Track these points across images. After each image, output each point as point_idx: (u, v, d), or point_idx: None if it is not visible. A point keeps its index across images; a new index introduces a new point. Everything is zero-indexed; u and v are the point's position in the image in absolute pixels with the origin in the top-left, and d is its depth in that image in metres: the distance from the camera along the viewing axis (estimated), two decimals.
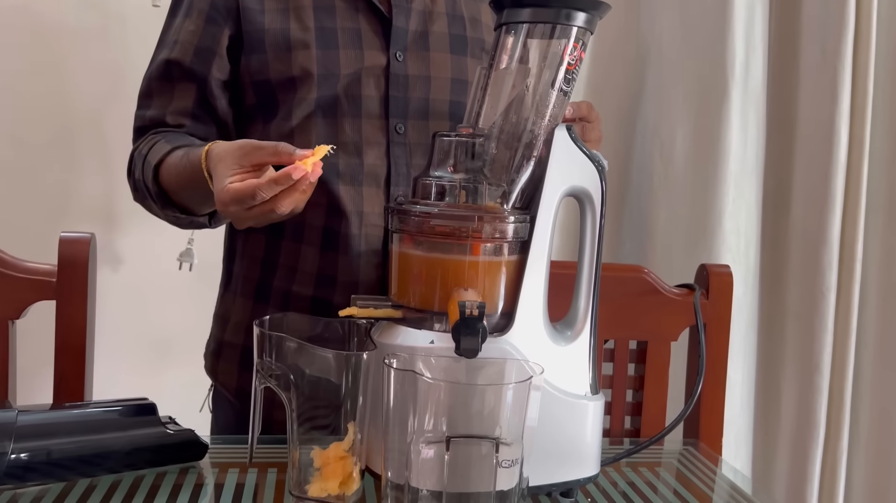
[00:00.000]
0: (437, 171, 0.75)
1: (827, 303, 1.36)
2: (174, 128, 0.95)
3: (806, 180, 1.40)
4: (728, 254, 1.37)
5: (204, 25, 0.94)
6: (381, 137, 0.94)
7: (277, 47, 0.92)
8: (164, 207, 0.92)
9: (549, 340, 0.76)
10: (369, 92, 0.94)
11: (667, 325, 1.01)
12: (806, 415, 1.39)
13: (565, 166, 0.75)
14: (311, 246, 0.94)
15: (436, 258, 0.73)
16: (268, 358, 0.74)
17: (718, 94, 1.37)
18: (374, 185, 0.94)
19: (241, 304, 0.99)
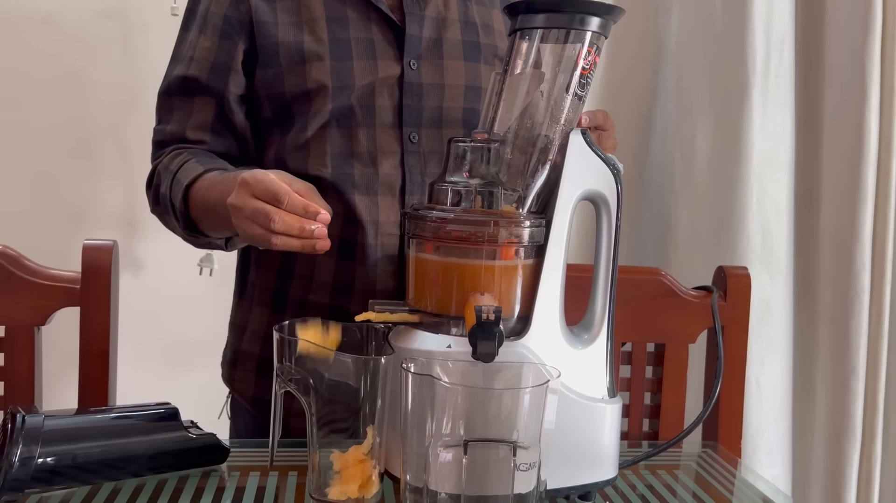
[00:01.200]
0: (453, 177, 0.75)
1: (862, 305, 1.35)
2: (195, 143, 0.96)
3: (836, 178, 1.39)
4: (753, 255, 1.35)
5: (219, 41, 0.95)
6: (395, 146, 0.95)
7: (292, 60, 0.93)
8: (185, 227, 0.93)
9: (566, 344, 0.76)
10: (383, 102, 0.94)
11: (684, 328, 1.01)
12: (842, 418, 1.37)
13: (580, 170, 0.76)
14: (328, 255, 0.94)
15: (452, 263, 0.74)
16: (287, 362, 0.75)
17: (739, 91, 1.36)
18: (388, 194, 0.95)
19: (257, 313, 1.00)
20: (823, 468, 1.42)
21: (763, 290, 1.37)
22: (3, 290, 0.94)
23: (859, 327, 1.35)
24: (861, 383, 1.36)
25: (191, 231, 0.93)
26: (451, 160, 0.76)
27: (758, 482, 0.87)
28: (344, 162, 0.94)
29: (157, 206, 0.97)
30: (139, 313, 1.41)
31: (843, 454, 1.38)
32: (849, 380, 1.36)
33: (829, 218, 1.40)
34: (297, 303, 0.97)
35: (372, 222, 0.94)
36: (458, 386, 0.64)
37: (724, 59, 1.38)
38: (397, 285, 0.95)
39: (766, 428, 1.38)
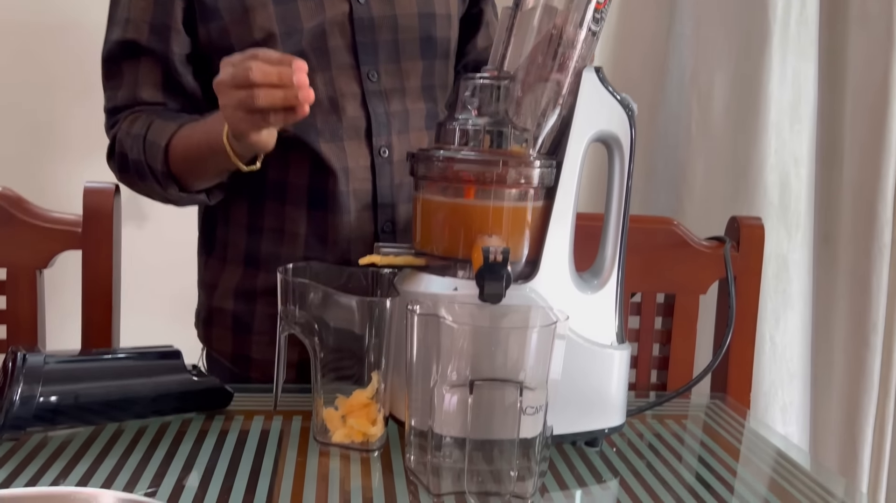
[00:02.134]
0: (462, 116, 0.73)
1: (883, 261, 1.33)
2: (150, 104, 0.93)
3: (859, 131, 1.36)
4: (770, 208, 1.33)
5: (154, 1, 0.90)
6: (355, 88, 0.91)
7: (233, 11, 0.88)
8: (167, 187, 0.89)
9: (575, 288, 0.74)
10: (336, 42, 0.90)
11: (696, 278, 0.99)
12: (860, 374, 1.37)
13: (593, 110, 0.73)
14: (298, 207, 0.92)
15: (459, 204, 0.72)
16: (291, 306, 0.73)
17: (759, 39, 1.32)
18: (355, 138, 0.91)
19: (229, 271, 0.97)
20: (840, 424, 1.41)
21: (779, 246, 1.35)
22: (3, 233, 0.92)
23: (880, 283, 1.34)
24: (880, 339, 1.36)
25: (174, 189, 0.89)
26: (459, 97, 0.73)
27: (767, 433, 0.87)
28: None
29: (125, 173, 0.92)
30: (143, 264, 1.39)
31: (860, 410, 1.38)
32: (868, 336, 1.35)
33: (851, 172, 1.37)
34: (270, 259, 0.94)
35: (342, 169, 0.90)
36: (465, 325, 0.63)
37: (744, 5, 1.34)
38: (374, 232, 0.93)
39: (780, 386, 1.37)
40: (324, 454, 0.72)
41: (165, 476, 0.67)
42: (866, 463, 1.39)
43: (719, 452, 0.79)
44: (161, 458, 0.70)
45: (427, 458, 0.65)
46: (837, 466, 1.42)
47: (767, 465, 0.78)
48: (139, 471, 0.67)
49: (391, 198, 0.93)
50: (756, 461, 0.79)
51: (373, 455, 0.72)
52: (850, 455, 1.40)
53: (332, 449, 0.73)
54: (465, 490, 0.64)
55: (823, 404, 1.44)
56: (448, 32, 0.98)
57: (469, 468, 0.63)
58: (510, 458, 0.64)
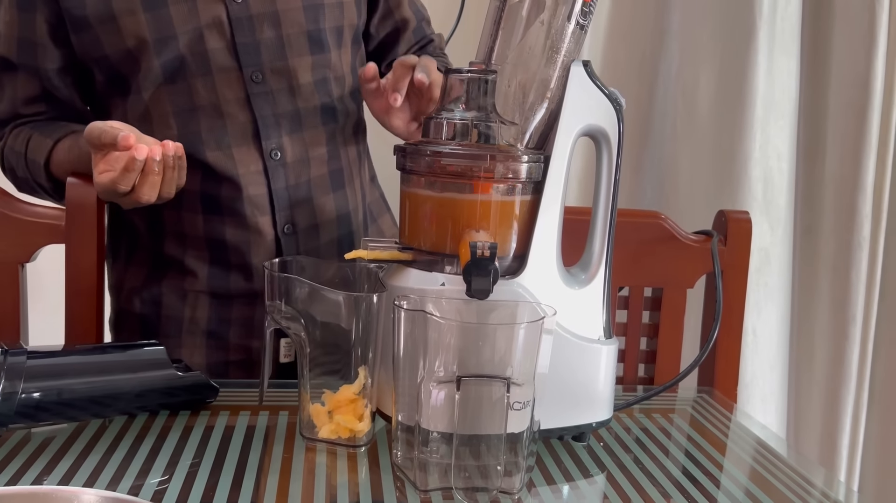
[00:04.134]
0: (448, 110, 0.72)
1: (862, 254, 1.36)
2: (32, 116, 0.93)
3: (841, 126, 1.37)
4: (754, 202, 1.34)
5: (17, 15, 0.88)
6: (239, 91, 0.88)
7: (102, 21, 0.85)
8: (63, 198, 0.91)
9: (563, 283, 0.74)
10: (215, 44, 0.87)
11: (683, 272, 0.99)
12: (839, 365, 1.40)
13: (581, 104, 0.73)
14: (193, 212, 0.91)
15: (447, 198, 0.71)
16: (278, 300, 0.73)
17: (745, 35, 1.33)
18: (243, 144, 0.89)
19: (133, 273, 0.96)
20: (820, 413, 1.44)
21: (762, 239, 1.37)
22: None
23: (859, 276, 1.37)
24: (858, 330, 1.39)
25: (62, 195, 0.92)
26: (446, 91, 0.73)
27: (753, 426, 0.87)
28: (188, 118, 0.88)
29: (21, 189, 0.94)
30: None
31: (839, 400, 1.40)
32: (847, 327, 1.38)
33: (832, 166, 1.38)
34: (174, 259, 0.93)
35: (233, 176, 0.89)
36: (452, 321, 0.62)
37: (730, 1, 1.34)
38: (275, 235, 0.91)
39: (762, 376, 1.39)
40: (310, 450, 0.72)
41: (150, 472, 0.66)
42: (844, 452, 1.42)
43: (706, 446, 0.79)
44: (146, 455, 0.69)
45: (414, 454, 0.65)
46: (817, 455, 1.44)
47: (753, 459, 0.78)
48: (123, 468, 0.67)
49: (288, 199, 0.92)
50: (742, 455, 0.80)
51: (360, 450, 0.72)
52: (829, 444, 1.42)
53: (319, 444, 0.73)
54: (452, 485, 0.63)
55: (803, 395, 1.46)
56: (340, 21, 0.93)
57: (456, 463, 0.63)
58: (497, 454, 0.64)
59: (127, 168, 0.75)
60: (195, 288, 0.93)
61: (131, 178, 0.76)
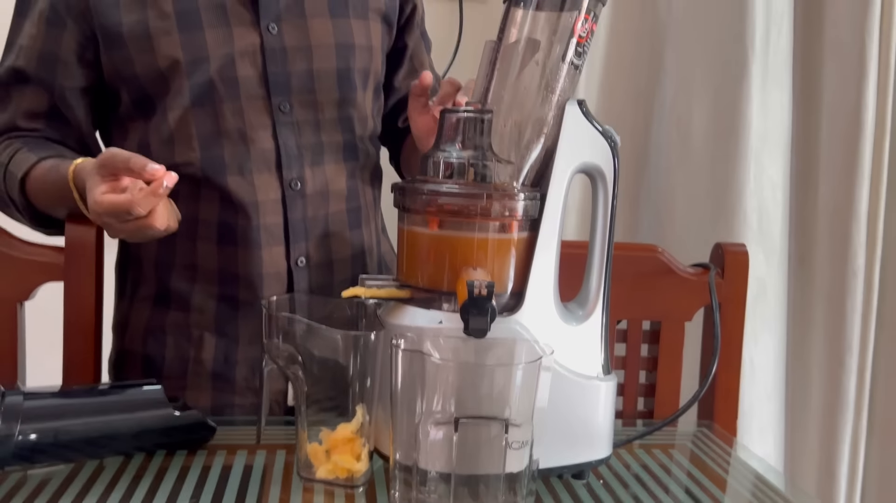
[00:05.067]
0: (445, 148, 0.73)
1: (857, 284, 1.36)
2: (28, 132, 0.91)
3: (834, 156, 1.38)
4: (749, 233, 1.35)
5: (46, 29, 0.88)
6: (265, 119, 0.89)
7: (137, 40, 0.86)
8: (31, 219, 0.91)
9: (560, 320, 0.74)
10: (246, 72, 0.87)
11: (681, 305, 0.99)
12: (836, 395, 1.39)
13: (576, 142, 0.73)
14: (208, 243, 0.90)
15: (444, 237, 0.72)
16: (275, 339, 0.73)
17: (738, 68, 1.34)
18: (265, 171, 0.90)
19: (138, 310, 0.95)
20: (817, 444, 1.43)
21: (758, 269, 1.36)
22: None
23: (854, 305, 1.37)
24: (855, 360, 1.38)
25: (38, 222, 0.91)
26: (443, 131, 0.74)
27: (750, 459, 0.86)
28: (212, 143, 0.88)
29: None
30: None
31: (836, 429, 1.39)
32: (844, 357, 1.37)
33: (826, 196, 1.39)
34: (181, 295, 0.92)
35: (251, 203, 0.89)
36: (450, 362, 0.62)
37: (723, 35, 1.36)
38: (288, 268, 0.91)
39: (759, 406, 1.38)
40: (308, 490, 0.72)
41: None
42: (843, 483, 1.40)
43: (706, 483, 0.78)
44: (143, 496, 0.69)
45: (412, 494, 0.65)
46: (816, 487, 1.43)
47: (753, 496, 0.78)
48: None
49: (304, 232, 0.92)
50: (742, 491, 0.79)
51: (357, 491, 0.72)
52: (826, 476, 1.41)
53: (317, 485, 0.72)
54: None
55: (800, 425, 1.46)
56: (368, 64, 0.95)
57: None
58: (496, 493, 0.63)
59: (153, 191, 0.73)
60: (201, 326, 0.92)
61: (153, 202, 0.74)
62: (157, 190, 0.73)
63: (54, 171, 0.85)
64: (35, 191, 0.87)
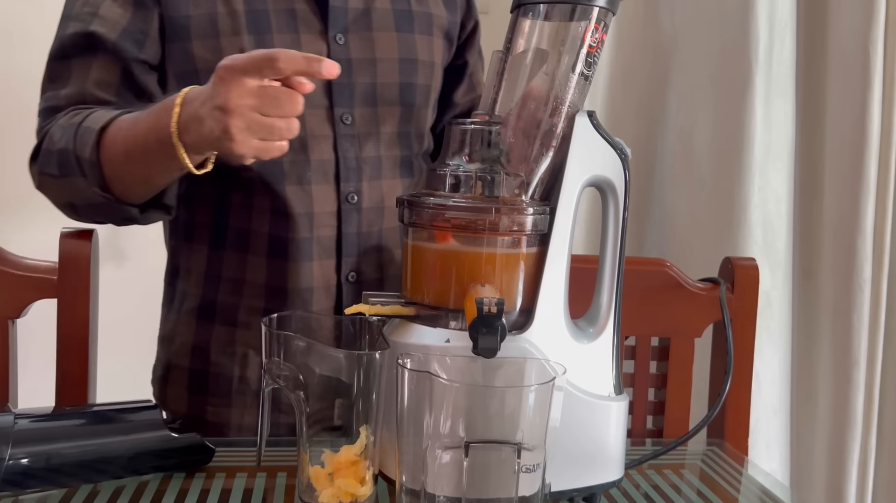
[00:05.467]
0: (452, 161, 0.71)
1: (864, 297, 1.34)
2: (101, 103, 0.83)
3: (838, 168, 1.36)
4: (754, 246, 1.33)
5: (133, 10, 0.84)
6: (327, 129, 0.88)
7: (203, 35, 0.83)
8: (96, 184, 0.78)
9: (571, 338, 0.72)
10: (311, 80, 0.85)
11: (690, 321, 0.97)
12: (843, 410, 1.37)
13: (586, 155, 0.72)
14: (259, 255, 0.87)
15: (451, 251, 0.69)
16: (276, 358, 0.70)
17: (742, 79, 1.33)
18: (322, 182, 0.88)
19: (184, 323, 0.92)
20: (825, 460, 1.41)
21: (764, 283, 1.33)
22: None
23: (861, 319, 1.34)
24: (862, 375, 1.36)
25: (103, 189, 0.78)
26: (450, 143, 0.72)
27: (758, 475, 0.84)
28: None
29: (45, 174, 0.81)
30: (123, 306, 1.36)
31: (844, 445, 1.37)
32: (850, 371, 1.35)
33: (831, 208, 1.37)
34: (227, 310, 0.89)
35: (306, 215, 0.86)
36: (458, 384, 0.60)
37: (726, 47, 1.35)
38: (338, 282, 0.89)
39: (765, 422, 1.36)
40: None
41: None
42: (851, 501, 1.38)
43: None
44: None
45: None
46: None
47: None
48: None
49: (357, 246, 0.90)
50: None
51: None
52: (834, 493, 1.39)
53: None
54: None
55: (806, 441, 1.44)
56: (430, 80, 0.95)
57: None
58: None
59: (309, 57, 0.67)
60: (246, 343, 0.90)
61: (299, 63, 0.67)
62: (311, 65, 0.67)
63: (148, 114, 0.75)
64: (115, 145, 0.76)
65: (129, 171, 0.78)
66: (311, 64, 0.68)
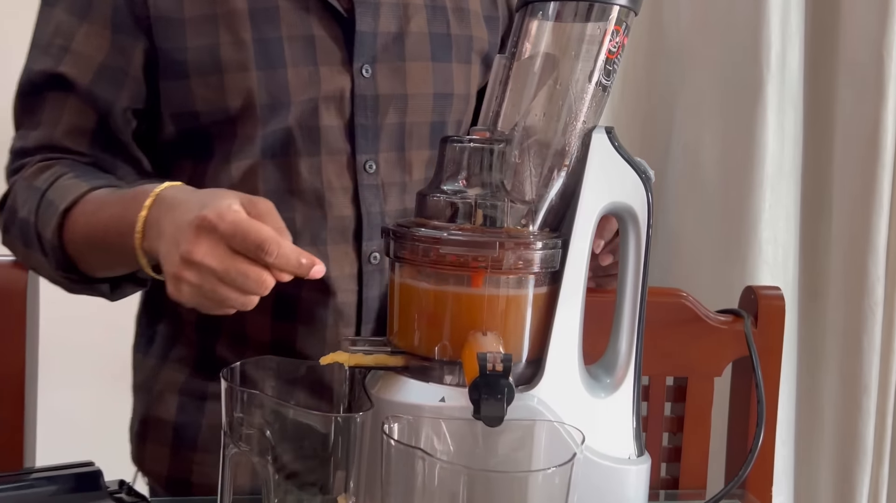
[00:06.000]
0: (447, 185, 0.61)
1: (875, 320, 1.27)
2: (69, 154, 0.73)
3: (849, 183, 1.28)
4: (765, 266, 1.25)
5: (112, 38, 0.71)
6: (346, 180, 0.75)
7: (204, 70, 0.71)
8: (57, 267, 0.70)
9: (586, 392, 0.62)
10: (330, 121, 0.74)
11: (710, 358, 0.87)
12: (852, 440, 1.30)
13: (604, 178, 0.61)
14: (260, 314, 0.71)
15: (446, 293, 0.59)
16: (238, 414, 0.60)
17: (753, 89, 1.24)
18: (341, 241, 0.75)
19: (171, 372, 0.80)
20: (831, 494, 1.33)
21: None
22: None
23: (872, 343, 1.27)
24: (873, 402, 1.28)
25: (66, 271, 0.69)
26: (445, 164, 0.61)
27: None
28: (281, 203, 0.70)
29: (7, 234, 0.73)
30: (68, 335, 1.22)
31: (853, 478, 1.29)
32: (860, 398, 1.28)
33: (841, 225, 1.29)
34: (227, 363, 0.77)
35: (321, 279, 0.69)
36: (458, 466, 0.49)
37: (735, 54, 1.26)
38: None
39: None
40: None
41: None
42: None
43: None
44: None
45: None
46: None
47: None
48: None
49: (378, 311, 0.77)
50: None
51: None
52: None
53: None
54: None
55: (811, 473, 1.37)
56: (463, 115, 0.82)
57: None
58: None
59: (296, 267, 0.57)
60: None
61: (289, 257, 0.56)
62: (301, 270, 0.57)
63: (116, 198, 0.66)
64: (78, 226, 0.67)
65: (96, 257, 0.69)
66: (302, 268, 0.57)
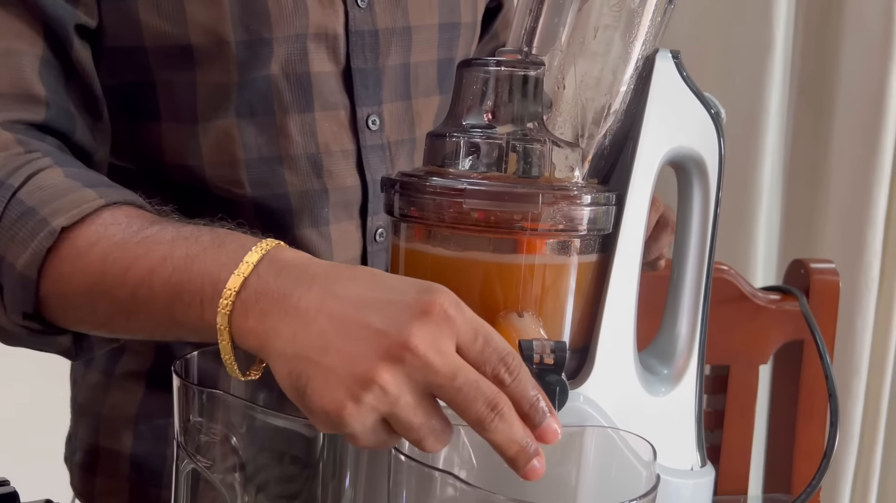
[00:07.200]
0: (469, 121, 0.47)
1: (870, 297, 1.23)
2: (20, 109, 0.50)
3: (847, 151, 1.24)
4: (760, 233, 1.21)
5: None
6: (346, 141, 0.61)
7: None
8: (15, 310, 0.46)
9: (643, 388, 0.49)
10: (322, 66, 0.60)
11: (757, 343, 0.76)
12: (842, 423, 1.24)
13: (670, 115, 0.48)
14: None
15: (469, 261, 0.45)
16: (196, 419, 0.46)
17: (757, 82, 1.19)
18: (344, 218, 0.62)
19: (121, 391, 0.65)
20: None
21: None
22: None
23: (865, 323, 1.24)
24: (862, 385, 1.25)
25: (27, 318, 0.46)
26: (462, 94, 0.47)
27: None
28: (270, 173, 0.59)
29: None
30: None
31: (838, 464, 1.26)
32: (850, 381, 1.24)
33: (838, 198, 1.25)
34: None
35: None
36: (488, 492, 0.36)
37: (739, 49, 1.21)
38: None
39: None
40: None
41: None
42: None
43: None
44: None
45: None
46: None
47: None
48: None
49: None
50: None
51: None
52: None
53: None
54: None
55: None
56: (469, 48, 0.69)
57: None
58: None
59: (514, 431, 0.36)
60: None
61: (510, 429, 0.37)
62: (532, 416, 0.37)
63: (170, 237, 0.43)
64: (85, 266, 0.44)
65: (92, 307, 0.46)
66: (534, 413, 0.37)
